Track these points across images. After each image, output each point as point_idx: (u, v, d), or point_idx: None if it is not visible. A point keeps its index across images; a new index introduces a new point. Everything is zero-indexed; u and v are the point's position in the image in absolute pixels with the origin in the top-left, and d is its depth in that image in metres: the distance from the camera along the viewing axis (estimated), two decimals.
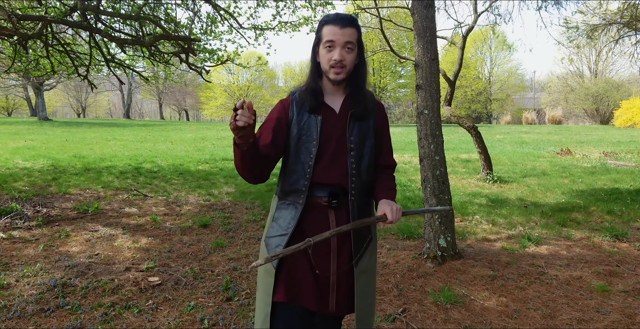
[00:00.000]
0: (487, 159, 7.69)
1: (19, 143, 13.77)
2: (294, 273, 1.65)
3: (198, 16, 6.75)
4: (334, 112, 1.70)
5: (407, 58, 6.39)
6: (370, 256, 1.76)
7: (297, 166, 1.67)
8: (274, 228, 1.72)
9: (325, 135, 1.67)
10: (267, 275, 1.67)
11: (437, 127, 3.74)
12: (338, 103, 1.72)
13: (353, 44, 1.62)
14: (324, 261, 1.66)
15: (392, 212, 1.57)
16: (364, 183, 1.71)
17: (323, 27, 1.64)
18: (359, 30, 1.67)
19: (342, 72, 1.63)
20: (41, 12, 5.78)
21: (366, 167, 1.71)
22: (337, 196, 1.67)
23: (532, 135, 20.41)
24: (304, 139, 1.67)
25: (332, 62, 1.61)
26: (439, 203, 3.71)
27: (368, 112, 1.72)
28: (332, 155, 1.67)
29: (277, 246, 1.67)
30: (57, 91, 45.98)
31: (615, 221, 5.08)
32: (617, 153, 11.96)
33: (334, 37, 1.60)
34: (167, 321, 2.75)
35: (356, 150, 1.69)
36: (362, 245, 1.73)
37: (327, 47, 1.62)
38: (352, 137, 1.69)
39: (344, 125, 1.69)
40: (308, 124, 1.67)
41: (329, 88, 1.71)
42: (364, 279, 1.71)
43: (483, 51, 39.95)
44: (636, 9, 8.42)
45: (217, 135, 20.18)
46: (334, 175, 1.67)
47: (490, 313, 2.87)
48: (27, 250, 4.02)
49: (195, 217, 5.28)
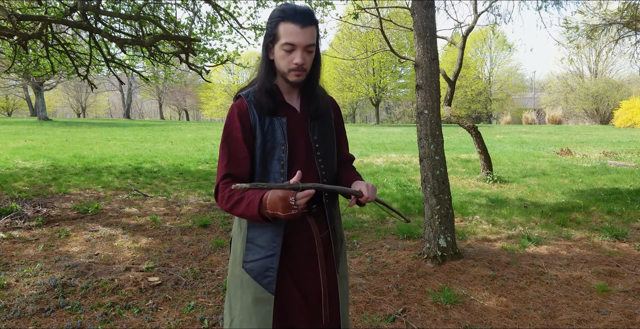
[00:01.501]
0: (487, 159, 7.69)
1: (19, 143, 13.77)
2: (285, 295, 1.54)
3: (198, 16, 6.75)
4: (296, 112, 1.58)
5: (407, 58, 6.39)
6: (344, 259, 1.71)
7: (266, 177, 1.53)
8: (254, 251, 1.54)
9: (292, 138, 1.54)
10: (263, 304, 1.52)
11: (437, 127, 3.74)
12: (296, 102, 1.60)
13: (314, 45, 1.48)
14: (312, 273, 1.56)
15: (368, 189, 1.48)
16: (332, 183, 1.62)
17: (280, 24, 1.44)
18: (317, 25, 1.51)
19: (303, 75, 1.50)
20: (41, 12, 5.78)
21: (332, 166, 1.63)
22: (316, 201, 1.56)
23: (532, 135, 20.42)
24: (270, 145, 1.51)
25: (293, 65, 1.46)
26: (439, 203, 3.71)
27: (325, 109, 1.63)
28: (305, 158, 1.56)
29: (267, 270, 1.52)
30: (57, 91, 45.98)
31: (615, 221, 5.08)
32: (617, 153, 11.96)
33: (294, 40, 1.43)
34: (167, 321, 2.75)
35: (321, 150, 1.59)
36: (340, 249, 1.67)
37: (286, 50, 1.45)
38: (316, 137, 1.59)
39: (306, 125, 1.58)
40: (272, 128, 1.52)
41: (285, 88, 1.58)
42: (344, 283, 1.66)
43: (483, 51, 39.96)
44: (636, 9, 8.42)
45: (217, 135, 20.18)
46: (309, 179, 1.54)
47: (490, 313, 2.87)
48: (27, 250, 4.02)
49: (195, 217, 5.28)
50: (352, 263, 3.80)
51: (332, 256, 1.62)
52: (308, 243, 1.56)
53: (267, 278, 1.52)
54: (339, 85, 35.23)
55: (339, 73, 34.95)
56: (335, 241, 1.63)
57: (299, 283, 1.55)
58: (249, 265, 1.54)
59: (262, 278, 1.52)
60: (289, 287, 1.54)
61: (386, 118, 46.18)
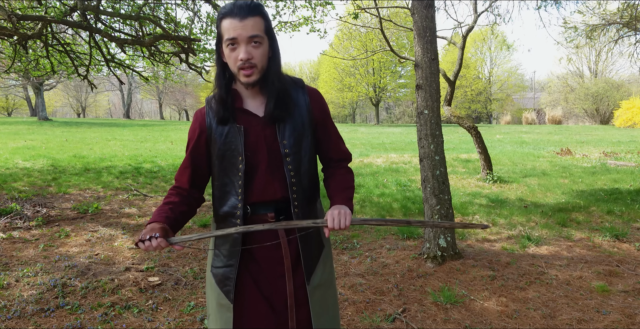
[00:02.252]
0: (487, 159, 7.69)
1: (19, 143, 13.77)
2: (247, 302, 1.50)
3: (198, 16, 6.75)
4: (258, 118, 1.46)
5: (407, 58, 6.39)
6: (324, 267, 1.59)
7: (226, 187, 1.48)
8: (219, 257, 1.53)
9: (252, 147, 1.45)
10: (224, 310, 1.51)
11: (437, 127, 3.74)
12: (260, 106, 1.48)
13: (260, 37, 1.37)
14: (279, 281, 1.50)
15: (334, 217, 1.36)
16: (306, 190, 1.51)
17: (222, 21, 1.38)
18: (266, 17, 1.40)
19: (253, 73, 1.39)
20: (41, 12, 5.78)
21: (306, 171, 1.50)
22: (285, 212, 1.49)
23: (532, 135, 20.42)
24: (229, 155, 1.46)
25: (239, 62, 1.37)
26: (439, 203, 3.71)
27: (293, 107, 1.49)
28: (267, 167, 1.46)
29: (227, 280, 1.50)
30: (57, 91, 45.98)
31: (615, 221, 5.08)
32: (617, 153, 11.96)
33: (234, 33, 1.34)
34: (167, 321, 2.75)
35: (292, 155, 1.47)
36: (313, 258, 1.55)
37: (230, 46, 1.37)
38: (286, 141, 1.46)
39: (273, 129, 1.46)
40: (231, 136, 1.45)
41: (245, 92, 1.47)
42: (319, 294, 1.55)
43: (483, 51, 39.95)
44: (635, 9, 8.42)
45: None
46: (274, 189, 1.47)
47: (490, 313, 2.87)
48: (27, 250, 4.02)
49: (195, 217, 5.28)
50: (352, 263, 3.80)
51: (302, 266, 1.52)
52: (275, 252, 1.50)
53: (227, 286, 1.51)
54: (339, 85, 35.25)
55: (339, 73, 34.97)
56: (308, 249, 1.53)
57: (264, 291, 1.50)
58: (214, 270, 1.55)
59: (223, 286, 1.52)
60: (251, 295, 1.50)
61: (386, 118, 46.19)
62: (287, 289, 1.49)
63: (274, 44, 1.44)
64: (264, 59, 1.41)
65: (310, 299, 1.51)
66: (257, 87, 1.45)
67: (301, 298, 1.51)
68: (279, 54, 1.47)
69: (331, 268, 1.64)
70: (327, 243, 1.63)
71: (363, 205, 6.01)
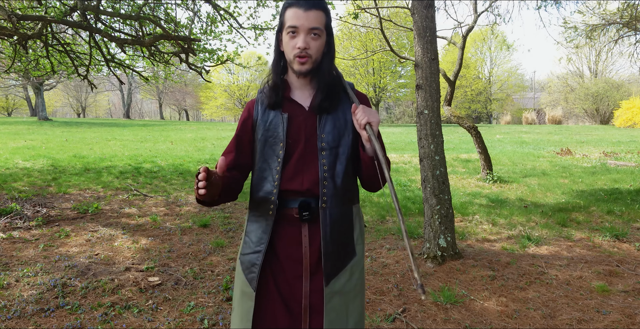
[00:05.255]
0: (487, 159, 7.69)
1: (19, 143, 13.77)
2: (266, 300, 1.50)
3: (198, 16, 6.75)
4: (303, 109, 1.51)
5: (407, 58, 6.39)
6: (352, 275, 1.52)
7: (264, 172, 1.51)
8: (247, 244, 1.55)
9: (294, 135, 1.49)
10: (247, 298, 1.50)
11: (437, 127, 3.74)
12: (307, 98, 1.53)
13: (320, 30, 1.42)
14: (297, 281, 1.48)
15: (363, 108, 1.36)
16: (339, 189, 1.48)
17: (286, 10, 1.44)
18: (328, 13, 1.46)
19: (307, 62, 1.43)
20: (41, 12, 5.78)
21: (342, 170, 1.49)
22: (309, 208, 1.47)
23: (532, 135, 20.41)
24: (271, 141, 1.50)
25: (296, 50, 1.41)
26: (439, 203, 3.71)
27: (339, 104, 1.52)
28: (300, 157, 1.48)
29: (252, 266, 1.50)
30: (57, 91, 46.00)
31: (615, 221, 5.08)
32: (617, 153, 11.96)
33: (297, 22, 1.40)
34: (167, 321, 2.75)
35: (329, 150, 1.48)
36: (338, 262, 1.50)
37: (290, 33, 1.42)
38: (324, 135, 1.48)
39: (314, 122, 1.50)
40: (274, 124, 1.50)
41: (296, 82, 1.52)
42: (339, 301, 1.48)
43: (483, 51, 39.95)
44: (635, 9, 8.42)
45: (217, 135, 20.18)
46: (304, 180, 1.47)
47: (490, 313, 2.87)
48: (27, 250, 4.02)
49: (195, 217, 5.28)
50: None
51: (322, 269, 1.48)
52: (296, 250, 1.49)
53: (252, 273, 1.51)
54: None
55: None
56: (333, 252, 1.48)
57: (280, 288, 1.49)
58: (242, 257, 1.55)
59: (248, 273, 1.52)
60: (270, 289, 1.50)
61: (386, 118, 46.19)
62: (302, 289, 1.47)
63: (330, 40, 1.49)
64: (319, 52, 1.46)
65: (326, 304, 1.46)
66: (308, 78, 1.50)
67: (318, 303, 1.47)
68: (334, 50, 1.52)
69: (361, 280, 1.56)
70: (359, 253, 1.57)
71: (363, 205, 6.01)
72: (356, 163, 1.54)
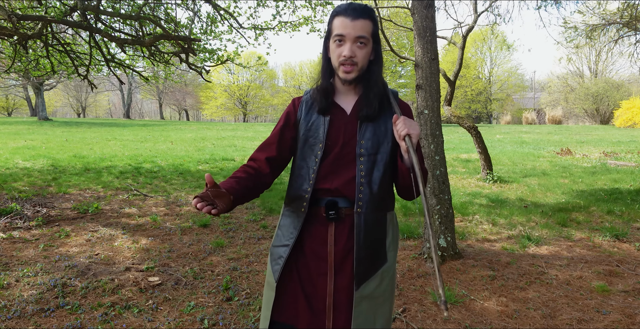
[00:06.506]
0: (487, 159, 7.69)
1: (19, 143, 13.77)
2: (291, 289, 1.53)
3: (198, 16, 6.75)
4: (345, 113, 1.56)
5: (407, 58, 6.39)
6: (382, 280, 1.53)
7: (302, 170, 1.56)
8: (278, 237, 1.61)
9: (333, 138, 1.54)
10: (269, 288, 1.56)
11: (437, 126, 3.74)
12: (350, 103, 1.57)
13: (366, 39, 1.46)
14: (320, 279, 1.51)
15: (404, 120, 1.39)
16: (375, 195, 1.50)
17: (334, 18, 1.48)
18: (375, 22, 1.50)
19: (353, 70, 1.48)
20: (41, 12, 5.78)
21: (380, 176, 1.51)
22: (335, 207, 1.50)
23: (532, 135, 20.42)
24: (311, 141, 1.55)
25: (342, 58, 1.46)
26: (439, 203, 3.71)
27: (381, 112, 1.55)
28: (336, 159, 1.53)
29: (279, 258, 1.56)
30: (57, 91, 46.01)
31: (615, 221, 5.08)
32: (617, 153, 11.96)
33: (344, 31, 1.45)
34: (167, 321, 2.75)
35: (367, 156, 1.51)
36: (369, 267, 1.51)
37: (337, 42, 1.47)
38: (364, 141, 1.52)
39: (355, 127, 1.54)
40: (316, 125, 1.56)
41: (341, 87, 1.57)
42: (367, 305, 1.49)
43: (483, 51, 39.94)
44: (635, 9, 8.42)
45: (217, 135, 20.18)
46: (335, 181, 1.51)
47: (490, 313, 2.87)
48: (27, 250, 4.02)
49: (195, 217, 5.28)
50: None
51: (351, 269, 1.50)
52: (322, 248, 1.52)
53: (277, 265, 1.56)
54: None
55: None
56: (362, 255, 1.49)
57: (304, 283, 1.53)
58: (272, 249, 1.62)
59: (274, 264, 1.57)
60: (293, 282, 1.54)
61: None
62: (327, 288, 1.49)
63: (377, 48, 1.52)
64: (365, 60, 1.50)
65: (355, 307, 1.48)
66: (353, 84, 1.55)
67: (342, 302, 1.49)
68: (382, 58, 1.55)
69: (391, 286, 1.58)
70: (391, 260, 1.58)
71: None
72: (394, 171, 1.56)
